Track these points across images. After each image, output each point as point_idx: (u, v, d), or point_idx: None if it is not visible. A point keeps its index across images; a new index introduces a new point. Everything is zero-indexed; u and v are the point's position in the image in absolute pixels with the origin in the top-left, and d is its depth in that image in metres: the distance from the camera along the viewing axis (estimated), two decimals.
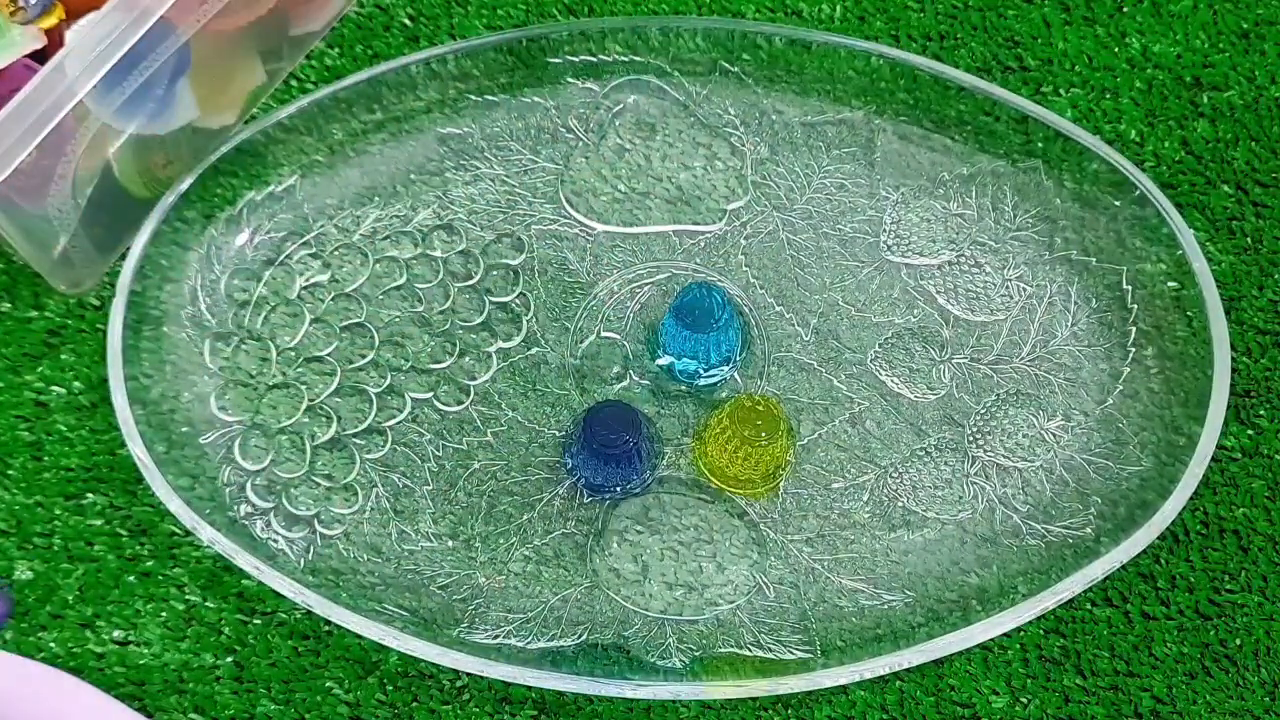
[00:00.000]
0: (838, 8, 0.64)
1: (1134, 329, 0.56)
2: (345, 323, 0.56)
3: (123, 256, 0.57)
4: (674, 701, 0.51)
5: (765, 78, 0.60)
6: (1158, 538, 0.51)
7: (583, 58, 0.60)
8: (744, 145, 0.60)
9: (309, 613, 0.52)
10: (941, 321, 0.57)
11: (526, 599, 0.52)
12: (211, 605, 0.53)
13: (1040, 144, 0.58)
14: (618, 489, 0.53)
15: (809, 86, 0.60)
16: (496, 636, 0.51)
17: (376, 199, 0.59)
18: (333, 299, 0.57)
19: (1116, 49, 0.63)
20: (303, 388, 0.55)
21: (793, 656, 0.51)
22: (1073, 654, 0.53)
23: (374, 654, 0.52)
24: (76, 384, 0.56)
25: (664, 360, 0.56)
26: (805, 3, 0.64)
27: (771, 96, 0.60)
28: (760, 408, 0.52)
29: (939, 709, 0.52)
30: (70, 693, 0.49)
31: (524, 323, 0.57)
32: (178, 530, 0.54)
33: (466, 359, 0.56)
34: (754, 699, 0.52)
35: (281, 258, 0.57)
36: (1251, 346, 0.58)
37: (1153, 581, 0.54)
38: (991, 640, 0.52)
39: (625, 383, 0.56)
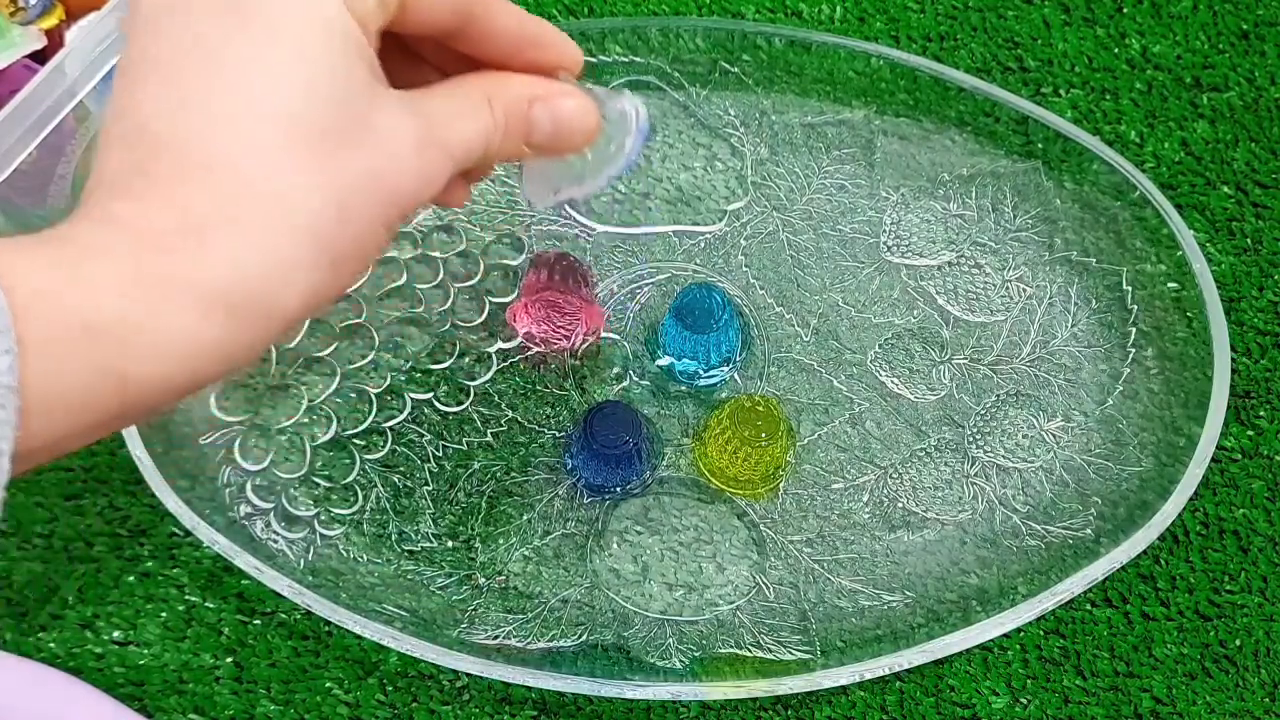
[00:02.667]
0: (838, 8, 0.64)
1: (1134, 330, 0.56)
2: (345, 323, 0.56)
3: None
4: (674, 702, 0.51)
5: (765, 78, 0.60)
6: (1158, 538, 0.51)
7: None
8: (744, 146, 0.60)
9: (309, 613, 0.52)
10: (941, 322, 0.57)
11: (526, 599, 0.52)
12: (211, 606, 0.53)
13: (1040, 145, 0.58)
14: (618, 489, 0.53)
15: (809, 87, 0.60)
16: (496, 637, 0.51)
17: None
18: None
19: (1116, 50, 0.63)
20: (303, 388, 0.55)
21: (793, 657, 0.51)
22: (1073, 654, 0.53)
23: (374, 654, 0.52)
24: None
25: (664, 361, 0.56)
26: (805, 3, 0.64)
27: (771, 97, 0.60)
28: (760, 408, 0.52)
29: (939, 709, 0.52)
30: (69, 693, 0.49)
31: None
32: (178, 531, 0.54)
33: (466, 359, 0.56)
34: (754, 699, 0.52)
35: None
36: (1251, 347, 0.58)
37: (1153, 582, 0.54)
38: (991, 641, 0.52)
39: (625, 383, 0.56)
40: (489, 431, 0.55)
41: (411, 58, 0.39)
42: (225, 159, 0.30)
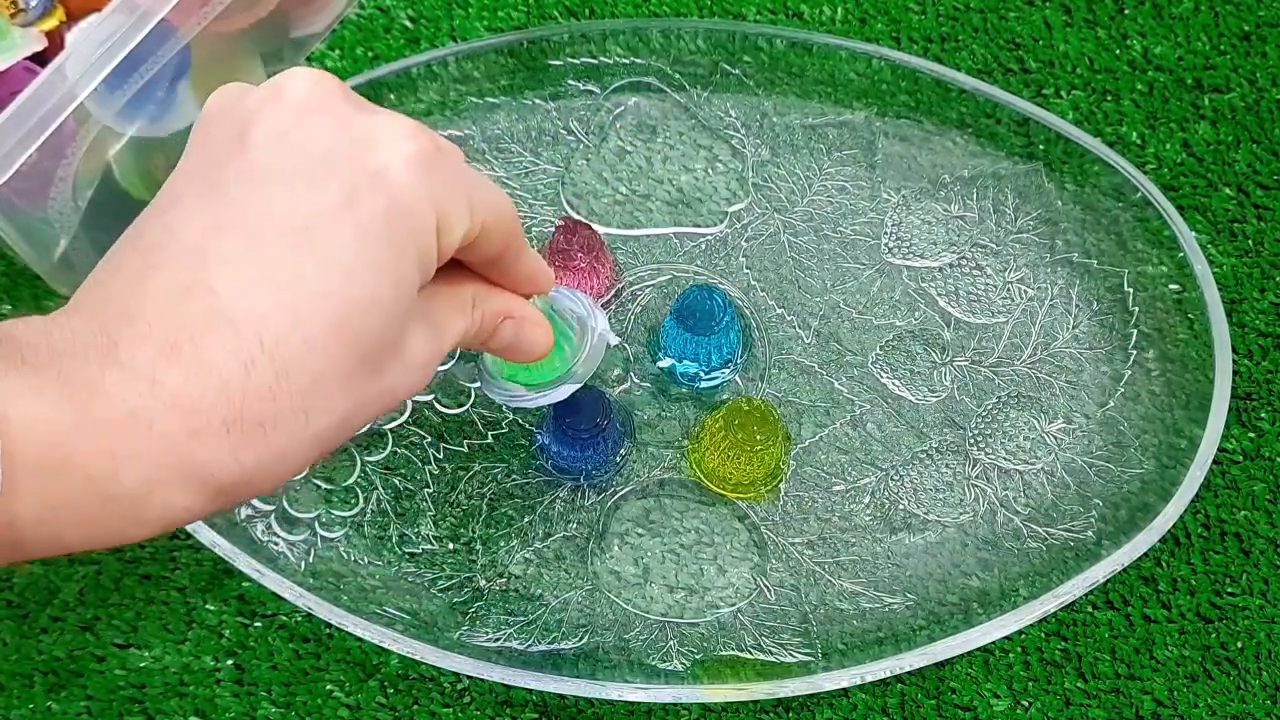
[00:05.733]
0: (839, 10, 0.64)
1: (1135, 331, 0.56)
2: None
3: None
4: (675, 704, 0.51)
5: (766, 80, 0.60)
6: (1159, 540, 0.51)
7: (584, 60, 0.60)
8: (745, 147, 0.60)
9: (310, 615, 0.52)
10: (942, 324, 0.57)
11: (527, 602, 0.52)
12: (212, 608, 0.53)
13: (1041, 146, 0.58)
14: (584, 471, 0.53)
15: (810, 89, 0.60)
16: (497, 639, 0.51)
17: None
18: None
19: (1118, 51, 0.63)
20: None
21: (794, 659, 0.51)
22: (1074, 657, 0.53)
23: (375, 657, 0.52)
24: None
25: (665, 363, 0.56)
26: (806, 5, 0.64)
27: (773, 99, 0.60)
28: (758, 412, 0.52)
29: (940, 712, 0.52)
30: None
31: None
32: (178, 533, 0.54)
33: (467, 361, 0.56)
34: (755, 702, 0.52)
35: None
36: (1253, 349, 0.58)
37: (1154, 584, 0.54)
38: (993, 643, 0.52)
39: (626, 385, 0.56)
40: (490, 434, 0.55)
41: None
42: (278, 353, 0.31)
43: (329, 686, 0.52)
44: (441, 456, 0.54)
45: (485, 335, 0.41)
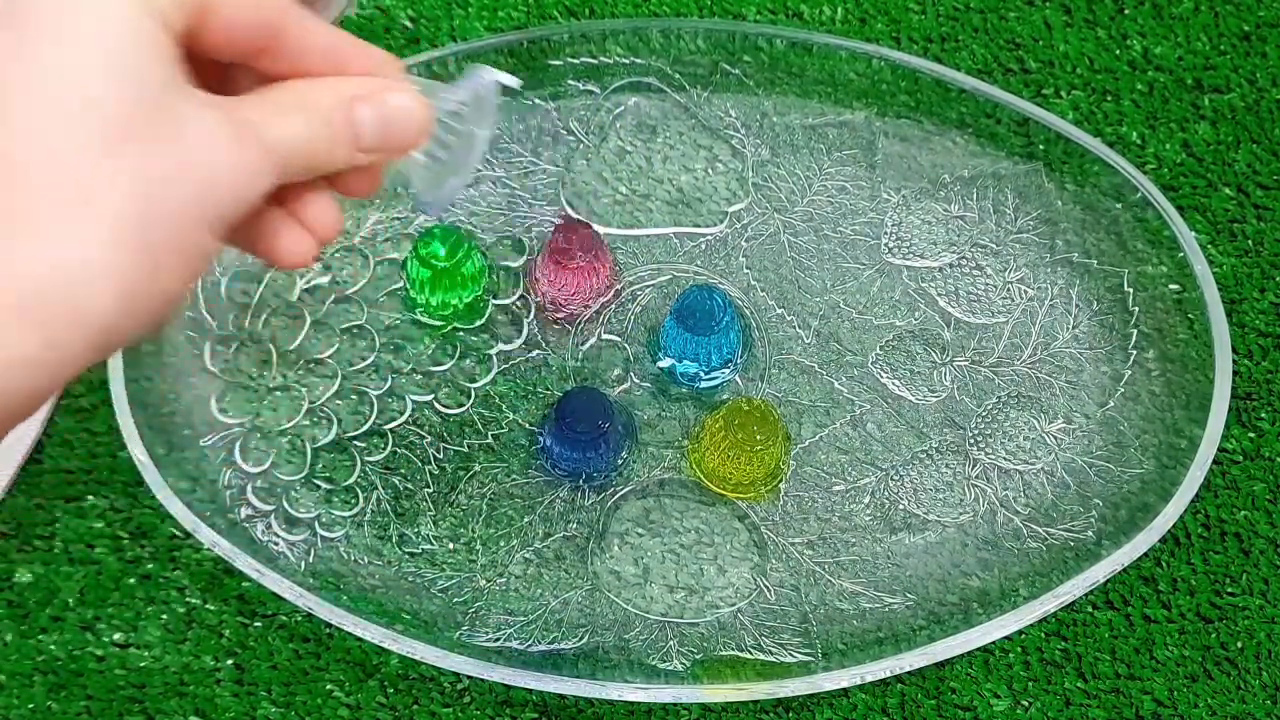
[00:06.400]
0: (839, 10, 0.64)
1: (1135, 331, 0.56)
2: (345, 325, 0.56)
3: None
4: (675, 704, 0.51)
5: (766, 80, 0.60)
6: (1159, 540, 0.51)
7: (584, 60, 0.60)
8: (745, 147, 0.60)
9: (310, 615, 0.52)
10: (942, 324, 0.57)
11: (527, 601, 0.52)
12: (212, 608, 0.53)
13: (1041, 146, 0.58)
14: (585, 473, 0.54)
15: (810, 89, 0.60)
16: (497, 639, 0.51)
17: (377, 201, 0.58)
18: (333, 301, 0.57)
19: (1118, 51, 0.63)
20: (303, 390, 0.55)
21: (794, 659, 0.51)
22: (1074, 657, 0.53)
23: (375, 657, 0.52)
24: (77, 386, 0.56)
25: (665, 363, 0.56)
26: (806, 5, 0.64)
27: (773, 99, 0.60)
28: (758, 412, 0.52)
29: (940, 712, 0.52)
30: None
31: (525, 325, 0.57)
32: (178, 533, 0.54)
33: (467, 361, 0.56)
34: (755, 702, 0.52)
35: None
36: (1253, 349, 0.58)
37: (1154, 584, 0.54)
38: (993, 643, 0.52)
39: (626, 385, 0.56)
40: (490, 434, 0.55)
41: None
42: (23, 161, 0.29)
43: (329, 686, 0.52)
44: (441, 456, 0.54)
45: (344, 135, 0.35)
